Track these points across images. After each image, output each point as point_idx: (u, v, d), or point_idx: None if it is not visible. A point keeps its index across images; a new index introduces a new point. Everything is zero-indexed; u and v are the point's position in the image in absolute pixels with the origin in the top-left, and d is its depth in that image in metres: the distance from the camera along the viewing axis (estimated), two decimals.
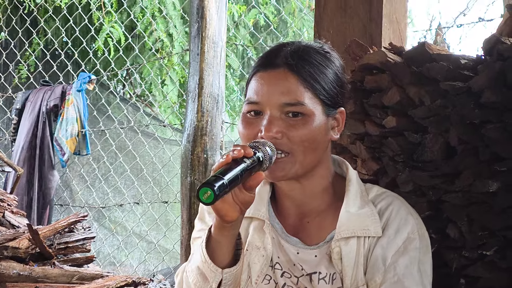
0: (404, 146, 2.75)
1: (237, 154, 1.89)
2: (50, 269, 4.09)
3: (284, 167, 2.07)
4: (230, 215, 1.94)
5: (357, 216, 2.11)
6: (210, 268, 2.03)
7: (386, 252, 2.08)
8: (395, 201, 2.17)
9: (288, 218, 2.22)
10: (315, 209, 2.19)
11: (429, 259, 2.14)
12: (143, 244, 7.92)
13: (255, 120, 2.10)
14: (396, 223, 2.11)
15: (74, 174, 8.09)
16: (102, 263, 7.51)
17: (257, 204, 2.20)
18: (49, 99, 7.17)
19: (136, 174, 7.69)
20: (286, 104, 2.06)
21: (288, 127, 2.06)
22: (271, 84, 2.10)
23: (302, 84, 2.09)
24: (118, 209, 8.03)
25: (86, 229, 4.66)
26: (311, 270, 2.13)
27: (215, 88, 4.98)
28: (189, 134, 4.89)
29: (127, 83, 9.10)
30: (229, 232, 2.01)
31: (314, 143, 2.09)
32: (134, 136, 7.69)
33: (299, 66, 2.10)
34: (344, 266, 2.09)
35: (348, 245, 2.10)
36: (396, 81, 2.77)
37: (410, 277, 2.05)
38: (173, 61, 8.38)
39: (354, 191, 2.17)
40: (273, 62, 2.13)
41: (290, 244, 2.17)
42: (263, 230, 2.19)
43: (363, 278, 2.08)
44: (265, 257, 2.17)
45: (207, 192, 1.79)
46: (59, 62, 7.74)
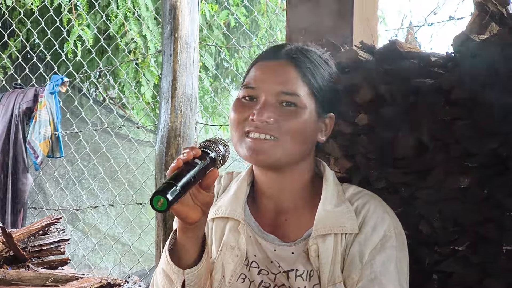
0: (376, 144, 2.76)
1: (187, 156, 1.90)
2: (25, 272, 4.08)
3: (268, 150, 2.08)
4: (191, 216, 1.95)
5: (333, 214, 2.13)
6: (172, 270, 2.05)
7: (363, 249, 2.10)
8: (372, 200, 2.19)
9: (265, 216, 2.23)
10: (292, 207, 2.21)
11: (405, 257, 2.16)
12: (118, 246, 7.89)
13: (249, 105, 2.14)
14: (373, 221, 2.12)
15: (48, 177, 8.05)
16: (77, 266, 7.48)
17: (234, 204, 2.21)
18: (21, 102, 7.13)
19: (110, 176, 7.67)
20: (283, 93, 2.10)
21: (281, 114, 2.09)
22: (271, 73, 2.15)
23: (300, 77, 2.14)
24: (92, 212, 8.00)
25: (60, 232, 4.64)
26: (288, 267, 2.14)
27: (189, 89, 4.97)
28: (163, 136, 4.88)
29: (100, 85, 9.07)
30: (193, 234, 2.02)
31: (302, 136, 2.11)
32: (108, 138, 7.66)
33: (300, 60, 2.16)
34: (322, 263, 2.10)
35: (325, 242, 2.11)
36: (367, 79, 2.78)
37: (387, 274, 2.06)
38: (147, 62, 8.36)
39: (331, 189, 2.19)
40: (276, 54, 2.19)
41: (267, 241, 2.18)
42: (238, 230, 2.20)
43: (340, 275, 2.09)
44: (239, 257, 2.18)
45: (160, 200, 1.79)
46: (31, 65, 7.69)
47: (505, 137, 2.45)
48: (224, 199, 2.28)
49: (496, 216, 2.48)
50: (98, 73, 8.67)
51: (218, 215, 2.25)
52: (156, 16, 8.05)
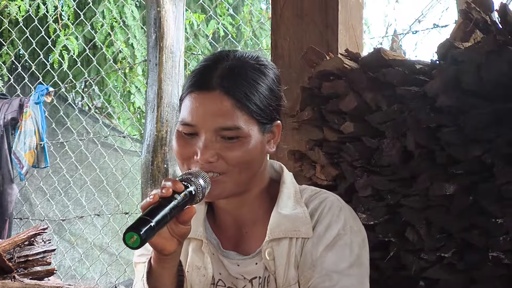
0: (362, 151, 2.77)
1: (166, 193, 1.85)
2: (10, 283, 4.06)
3: (218, 186, 2.03)
4: (167, 248, 1.91)
5: (288, 218, 2.10)
6: None
7: (315, 248, 2.06)
8: (328, 199, 2.14)
9: (226, 232, 2.20)
10: (252, 218, 2.17)
11: (365, 252, 2.13)
12: (104, 256, 7.87)
13: (191, 140, 2.05)
14: (327, 220, 2.09)
15: (34, 187, 8.02)
16: (63, 276, 7.46)
17: (194, 224, 2.14)
18: (6, 112, 7.12)
19: (96, 185, 7.65)
20: (222, 128, 2.01)
21: (224, 149, 2.01)
22: (206, 107, 2.04)
23: (237, 107, 2.03)
24: (78, 222, 7.97)
25: (46, 242, 4.63)
26: (251, 275, 2.13)
27: (174, 98, 4.99)
28: (149, 145, 4.89)
29: (86, 95, 9.06)
30: (169, 263, 1.99)
31: (250, 164, 2.05)
32: (94, 148, 7.65)
33: (234, 88, 2.04)
34: (277, 266, 2.08)
35: (280, 245, 2.09)
36: (352, 87, 2.79)
37: (339, 271, 2.04)
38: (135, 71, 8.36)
39: (288, 192, 2.16)
40: (207, 83, 2.05)
41: (229, 258, 2.16)
42: (202, 250, 2.17)
43: (295, 277, 2.08)
44: (206, 277, 2.15)
45: (133, 236, 1.73)
46: (16, 75, 7.68)
47: (490, 144, 2.46)
48: None
49: (481, 222, 2.49)
50: (84, 82, 8.66)
51: None
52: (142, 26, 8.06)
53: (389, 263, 2.67)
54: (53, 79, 7.67)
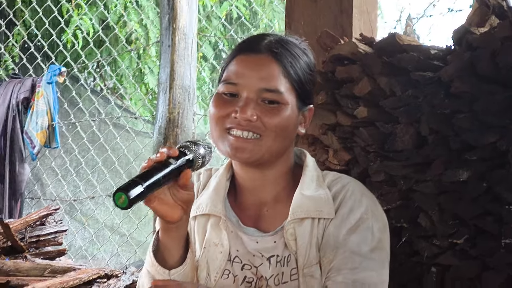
0: (375, 136, 2.76)
1: (159, 157, 1.88)
2: (22, 263, 4.07)
3: (252, 149, 2.07)
4: (171, 216, 1.94)
5: (311, 199, 2.12)
6: (157, 271, 2.03)
7: (338, 230, 2.08)
8: (350, 183, 2.17)
9: (246, 210, 2.22)
10: (273, 198, 2.19)
11: (386, 237, 2.14)
12: (115, 237, 7.89)
13: (230, 101, 2.09)
14: (350, 204, 2.11)
15: (45, 167, 8.04)
16: (74, 256, 7.48)
17: (214, 200, 2.19)
18: (19, 91, 7.12)
19: (108, 166, 7.66)
20: (265, 90, 2.07)
21: (263, 111, 2.06)
22: (253, 68, 2.10)
23: (282, 73, 2.09)
24: (89, 202, 7.99)
25: (58, 222, 4.64)
26: (270, 254, 2.14)
27: (186, 80, 4.97)
28: (161, 126, 4.88)
29: (98, 75, 9.06)
30: (175, 233, 2.01)
31: (285, 132, 2.09)
32: (106, 129, 7.65)
33: (282, 55, 2.11)
34: (298, 246, 2.09)
35: (302, 226, 2.10)
36: (367, 71, 2.78)
37: (361, 254, 2.06)
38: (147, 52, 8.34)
39: (310, 175, 2.18)
40: (256, 48, 2.13)
41: (248, 235, 2.17)
42: (219, 226, 2.19)
43: (316, 257, 2.08)
44: (223, 253, 2.16)
45: (121, 196, 1.76)
46: (29, 55, 7.67)
47: (504, 130, 2.45)
48: (204, 196, 2.26)
49: (495, 209, 2.48)
50: (96, 63, 8.65)
51: (199, 213, 2.23)
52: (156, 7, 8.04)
53: (401, 249, 2.67)
54: (66, 59, 7.66)
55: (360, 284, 2.03)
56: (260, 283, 2.13)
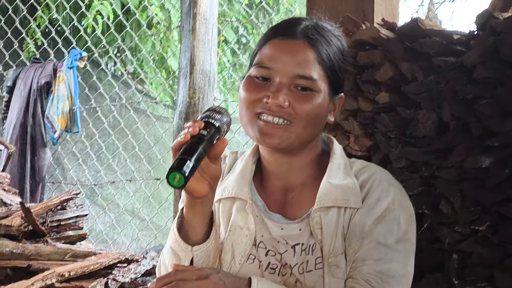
0: (397, 122, 2.75)
1: (193, 130, 1.87)
2: (43, 247, 4.09)
3: (282, 135, 2.05)
4: (198, 190, 1.93)
5: (338, 187, 2.10)
6: (180, 247, 2.03)
7: (364, 220, 2.07)
8: (378, 173, 2.15)
9: (272, 195, 2.20)
10: (300, 184, 2.18)
11: (412, 229, 2.13)
12: (135, 222, 7.91)
13: (262, 85, 2.07)
14: (377, 193, 2.09)
15: (66, 152, 8.06)
16: (94, 240, 7.51)
17: (240, 184, 2.18)
18: (40, 76, 7.14)
19: (128, 151, 7.67)
20: (299, 76, 2.05)
21: (296, 98, 2.04)
22: (287, 53, 2.08)
23: (317, 60, 2.07)
24: (110, 187, 8.01)
25: (79, 207, 4.65)
26: (295, 242, 2.13)
27: (207, 65, 4.96)
28: (181, 111, 4.88)
29: (118, 60, 9.07)
30: (200, 209, 2.01)
31: (315, 120, 2.08)
32: (126, 113, 7.66)
33: (317, 41, 2.09)
34: (324, 235, 2.08)
35: (328, 214, 2.09)
36: (388, 57, 2.77)
37: (387, 245, 2.04)
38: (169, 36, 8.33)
39: (337, 163, 2.17)
40: (292, 33, 2.10)
41: (273, 221, 2.16)
42: (246, 210, 2.18)
43: (341, 247, 2.07)
44: (249, 237, 2.15)
45: (176, 176, 1.78)
46: (50, 39, 7.69)
47: None
48: (230, 179, 2.25)
49: None
50: (116, 48, 8.66)
51: (225, 196, 2.22)
52: None
53: (422, 235, 2.66)
54: (86, 44, 7.67)
55: (384, 275, 2.02)
56: (284, 270, 2.12)
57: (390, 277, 2.02)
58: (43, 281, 3.70)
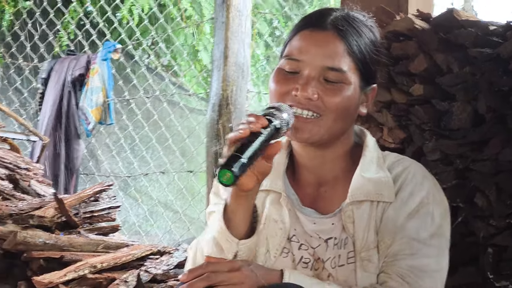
0: (431, 114, 2.74)
1: (254, 127, 1.86)
2: (76, 238, 4.10)
3: (312, 129, 2.04)
4: (246, 184, 1.92)
5: (371, 181, 2.08)
6: (226, 238, 2.02)
7: (397, 214, 2.05)
8: (412, 166, 2.13)
9: (305, 189, 2.19)
10: (332, 178, 2.16)
11: (446, 223, 2.10)
12: (168, 214, 7.94)
13: (291, 78, 2.06)
14: (410, 187, 2.07)
15: (100, 144, 8.10)
16: (128, 232, 7.54)
17: (274, 176, 2.16)
18: (74, 68, 7.17)
19: (162, 143, 7.68)
20: (328, 68, 2.03)
21: (325, 90, 2.03)
22: (317, 45, 2.06)
23: (347, 51, 2.05)
24: (143, 179, 8.04)
25: (111, 198, 4.67)
26: (327, 236, 2.11)
27: (240, 57, 4.95)
28: (215, 104, 4.87)
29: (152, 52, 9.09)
30: (245, 201, 2.00)
31: (345, 113, 2.06)
32: (160, 106, 7.67)
33: (347, 32, 2.07)
34: (356, 229, 2.06)
35: (361, 208, 2.07)
36: (423, 48, 2.75)
37: (420, 240, 2.03)
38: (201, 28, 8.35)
39: (370, 156, 2.15)
40: (321, 24, 2.08)
41: (306, 215, 2.15)
42: (280, 203, 2.16)
43: (374, 241, 2.06)
44: (283, 230, 2.14)
45: (226, 174, 1.77)
46: (84, 31, 7.72)
47: None
48: None
49: None
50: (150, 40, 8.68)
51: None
52: None
53: (456, 229, 2.63)
54: (120, 36, 7.70)
55: (417, 270, 2.00)
56: (317, 265, 2.11)
57: (423, 272, 2.00)
58: (75, 272, 3.72)
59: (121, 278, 3.81)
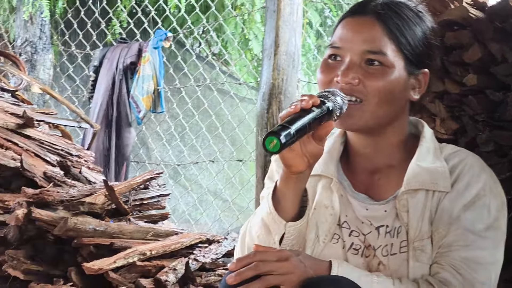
0: (485, 105, 2.70)
1: (305, 104, 1.88)
2: (126, 225, 4.13)
3: (355, 114, 2.04)
4: (296, 165, 1.94)
5: (427, 170, 2.08)
6: (274, 220, 2.03)
7: (453, 205, 2.04)
8: (469, 157, 2.13)
9: (358, 176, 2.20)
10: (386, 166, 2.17)
11: (502, 216, 2.08)
12: (218, 202, 7.95)
13: (334, 65, 2.09)
14: (467, 178, 2.07)
15: (151, 132, 8.14)
16: (177, 220, 7.58)
17: (327, 162, 2.18)
18: (126, 56, 7.21)
19: (212, 132, 7.70)
20: (367, 52, 2.05)
21: (366, 75, 2.04)
22: (356, 30, 2.08)
23: (387, 34, 2.06)
24: (193, 167, 8.07)
25: (161, 186, 4.69)
26: (379, 223, 2.11)
27: (291, 46, 4.92)
28: (265, 93, 4.85)
29: (203, 41, 9.10)
30: (295, 184, 2.01)
31: (389, 96, 2.06)
32: (210, 94, 7.69)
33: (387, 16, 2.08)
34: (410, 218, 2.06)
35: (416, 197, 2.07)
36: (477, 37, 2.72)
37: (475, 232, 2.01)
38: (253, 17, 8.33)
39: (427, 146, 2.14)
40: (362, 10, 2.11)
41: (358, 201, 2.15)
42: (331, 188, 2.16)
43: (428, 231, 2.05)
44: (333, 216, 2.14)
45: (273, 141, 1.79)
46: (136, 19, 7.75)
47: None
48: None
49: None
50: (201, 28, 8.69)
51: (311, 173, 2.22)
52: None
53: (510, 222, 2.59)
54: (172, 25, 7.71)
55: (471, 262, 1.98)
56: (368, 252, 2.10)
57: (477, 264, 1.98)
58: (125, 259, 3.74)
59: (170, 266, 3.82)
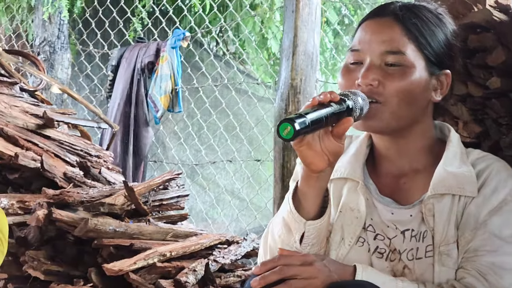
0: (508, 108, 2.69)
1: (323, 98, 1.90)
2: (145, 226, 4.13)
3: (376, 116, 2.04)
4: (316, 163, 1.95)
5: (454, 175, 2.08)
6: (294, 219, 2.04)
7: (479, 210, 2.04)
8: (496, 163, 2.12)
9: (384, 179, 2.20)
10: (412, 170, 2.17)
11: None
12: (235, 202, 7.95)
13: (355, 69, 2.10)
14: (494, 183, 2.06)
15: (168, 131, 8.15)
16: (195, 219, 7.58)
17: (353, 165, 2.19)
18: (144, 56, 7.22)
19: (229, 131, 7.70)
20: (387, 52, 2.05)
21: (386, 75, 2.04)
22: (375, 32, 2.09)
23: (406, 34, 2.07)
24: (211, 167, 8.07)
25: (180, 187, 4.69)
26: (404, 227, 2.11)
27: (310, 46, 4.91)
28: (283, 93, 4.85)
29: (221, 40, 9.10)
30: (315, 183, 2.01)
31: (409, 97, 2.06)
32: (228, 94, 7.68)
33: (405, 17, 2.09)
34: (436, 223, 2.06)
35: (442, 202, 2.07)
36: (501, 40, 2.70)
37: (502, 237, 2.01)
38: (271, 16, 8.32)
39: (454, 151, 2.14)
40: (381, 12, 2.13)
41: (384, 204, 2.15)
42: (357, 191, 2.16)
43: (454, 236, 2.05)
44: (359, 219, 2.15)
45: (287, 127, 1.79)
46: (154, 19, 7.76)
47: None
48: (342, 161, 2.23)
49: None
50: (219, 28, 8.69)
51: (337, 176, 2.22)
52: None
53: None
54: (190, 24, 7.72)
55: (498, 268, 1.98)
56: (393, 256, 2.10)
57: (504, 270, 1.98)
58: (145, 260, 3.74)
59: (190, 267, 3.83)
